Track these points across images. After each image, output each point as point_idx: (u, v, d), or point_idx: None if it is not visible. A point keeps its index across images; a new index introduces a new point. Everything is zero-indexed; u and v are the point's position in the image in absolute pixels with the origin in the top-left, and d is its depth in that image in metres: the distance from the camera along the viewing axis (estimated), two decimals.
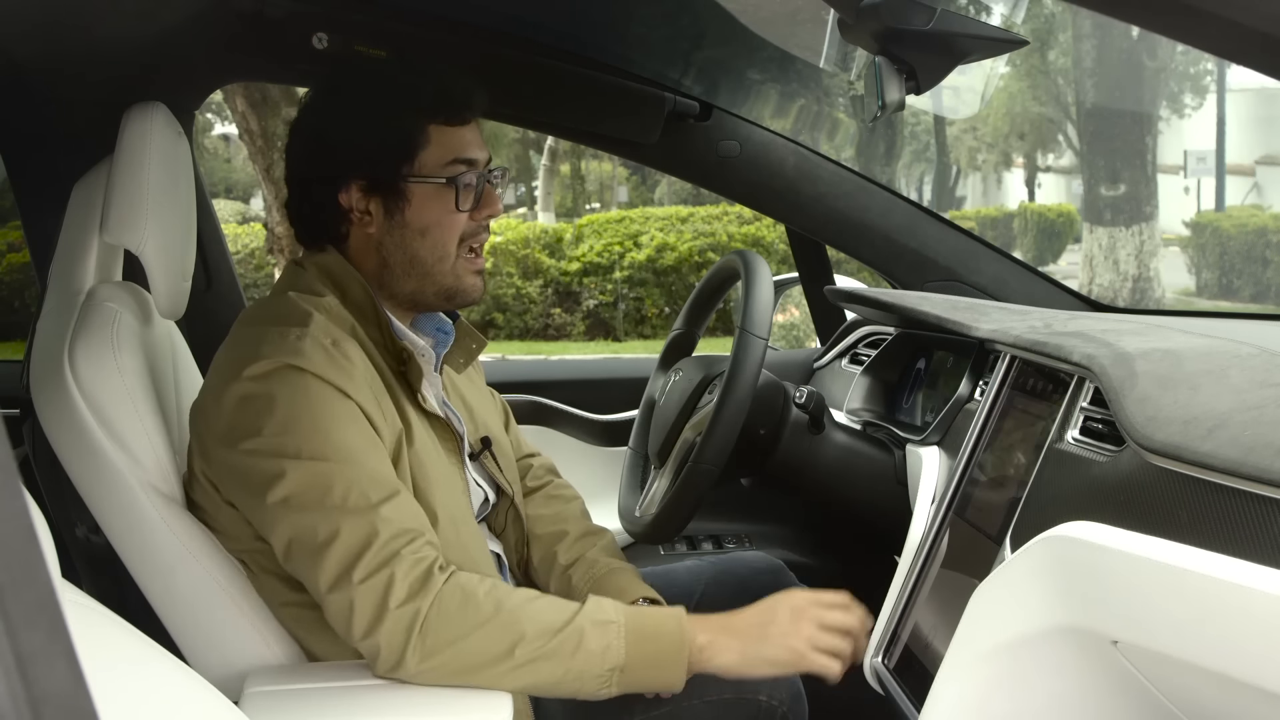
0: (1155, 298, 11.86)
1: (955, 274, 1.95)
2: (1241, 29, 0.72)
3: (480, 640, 1.08)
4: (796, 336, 3.23)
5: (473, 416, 1.40)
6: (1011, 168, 19.35)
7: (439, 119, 1.24)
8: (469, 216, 1.26)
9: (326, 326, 1.19)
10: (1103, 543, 0.87)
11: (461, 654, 1.08)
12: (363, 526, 1.09)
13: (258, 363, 1.14)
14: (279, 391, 1.13)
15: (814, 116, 2.23)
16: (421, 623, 1.07)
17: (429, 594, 1.08)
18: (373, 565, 1.08)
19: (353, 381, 1.15)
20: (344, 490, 1.10)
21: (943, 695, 1.04)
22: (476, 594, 1.10)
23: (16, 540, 0.36)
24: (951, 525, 1.28)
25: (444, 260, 1.26)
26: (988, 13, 1.35)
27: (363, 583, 1.07)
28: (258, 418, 1.12)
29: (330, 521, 1.09)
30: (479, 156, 1.26)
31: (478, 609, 1.09)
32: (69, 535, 1.35)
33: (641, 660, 1.12)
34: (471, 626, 1.08)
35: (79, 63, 1.62)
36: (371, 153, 1.23)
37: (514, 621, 1.09)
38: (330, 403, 1.13)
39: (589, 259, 10.15)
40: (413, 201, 1.24)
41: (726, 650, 1.16)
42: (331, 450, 1.11)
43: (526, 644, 1.09)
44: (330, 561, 1.09)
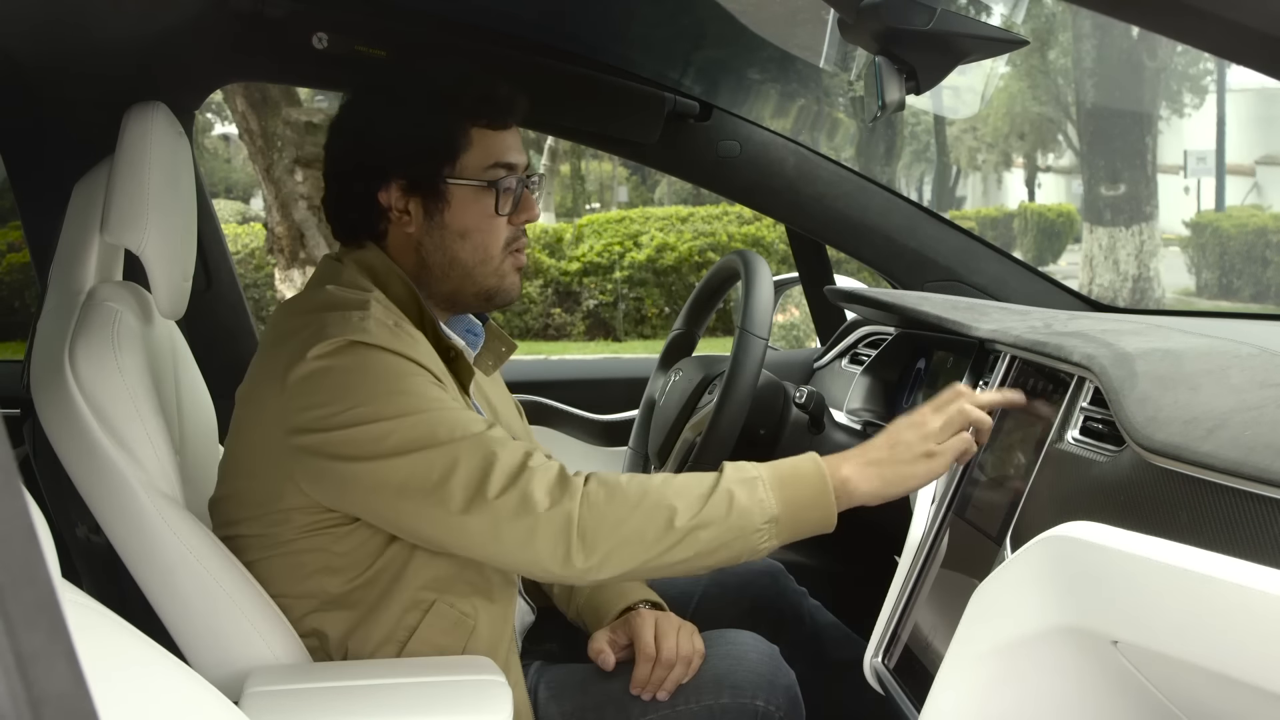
0: (1155, 298, 11.86)
1: (955, 274, 1.95)
2: (1241, 29, 0.72)
3: (637, 523, 1.07)
4: (796, 336, 3.24)
5: (498, 418, 1.40)
6: (1011, 168, 19.35)
7: (481, 122, 1.25)
8: (507, 221, 1.27)
9: (386, 310, 1.19)
10: (1103, 543, 0.87)
11: (624, 541, 1.07)
12: (479, 449, 1.08)
13: (323, 343, 1.13)
14: (351, 365, 1.12)
15: (814, 116, 2.23)
16: (578, 522, 1.06)
17: (574, 494, 1.07)
18: (504, 480, 1.07)
19: (420, 355, 1.15)
20: (448, 427, 1.09)
21: (943, 695, 1.04)
22: (619, 483, 1.10)
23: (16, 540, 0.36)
24: (951, 525, 1.28)
25: (487, 263, 1.26)
26: (988, 13, 1.35)
27: (499, 497, 1.06)
28: (334, 392, 1.11)
29: (446, 454, 1.08)
30: (518, 161, 1.27)
31: (625, 496, 1.08)
32: (69, 535, 1.35)
33: (794, 505, 1.12)
34: (625, 513, 1.07)
35: (79, 63, 1.62)
36: (413, 152, 1.24)
37: (663, 498, 1.08)
38: (404, 369, 1.13)
39: (589, 259, 10.15)
40: (452, 203, 1.25)
41: (868, 477, 1.15)
42: (420, 402, 1.11)
43: (682, 515, 1.08)
44: (457, 487, 1.07)
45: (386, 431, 1.09)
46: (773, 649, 1.33)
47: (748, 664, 1.29)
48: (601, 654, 1.26)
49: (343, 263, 1.27)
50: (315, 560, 1.18)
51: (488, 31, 1.81)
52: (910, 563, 1.30)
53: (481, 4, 1.79)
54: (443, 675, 1.14)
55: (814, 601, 1.60)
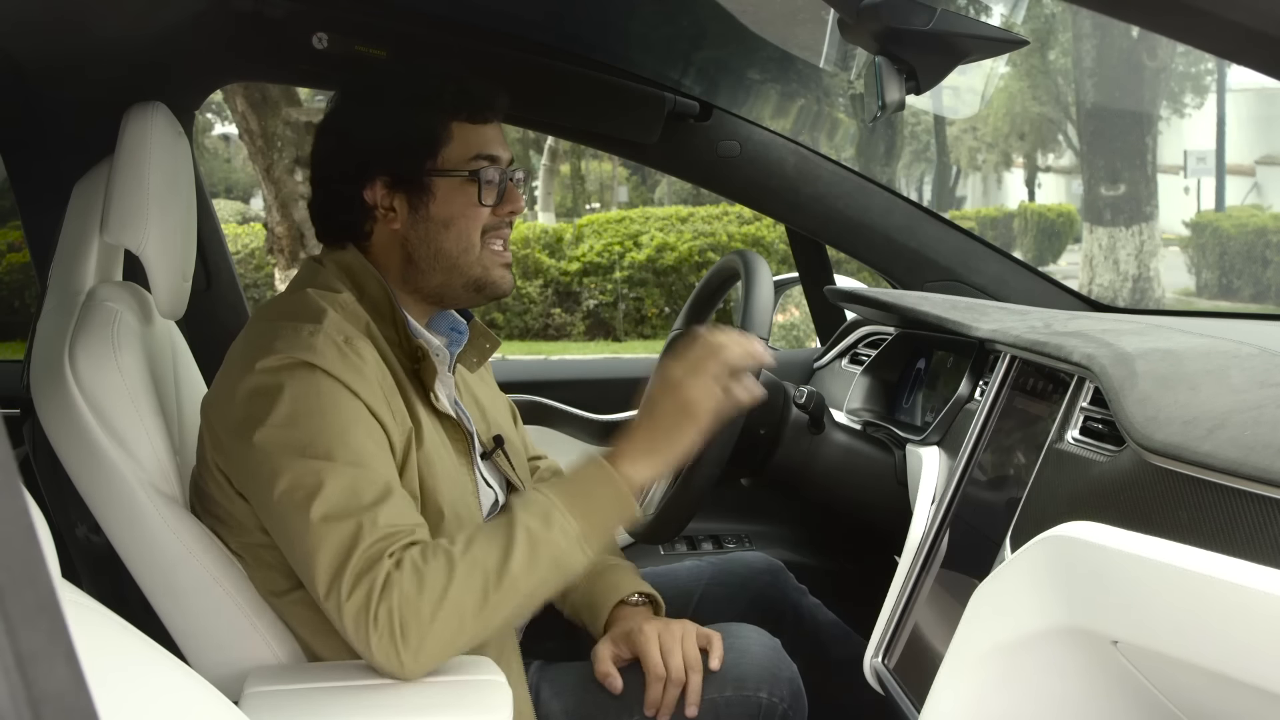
0: (1155, 298, 11.87)
1: (955, 274, 1.95)
2: (1241, 29, 0.72)
3: (454, 604, 1.07)
4: (796, 336, 3.24)
5: (485, 416, 1.40)
6: (1011, 168, 19.36)
7: (461, 116, 1.27)
8: (491, 211, 1.28)
9: (340, 323, 1.19)
10: (1103, 543, 0.87)
11: (446, 624, 1.06)
12: (347, 530, 1.08)
13: (270, 356, 1.15)
14: (289, 384, 1.13)
15: (814, 116, 2.23)
16: (399, 628, 1.05)
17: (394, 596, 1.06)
18: (355, 576, 1.07)
19: (363, 379, 1.16)
20: (337, 491, 1.09)
21: (943, 695, 1.04)
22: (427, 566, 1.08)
23: (16, 540, 0.36)
24: (951, 525, 1.28)
25: (469, 251, 1.27)
26: (988, 13, 1.35)
27: (349, 598, 1.07)
28: (267, 409, 1.13)
29: (320, 527, 1.08)
30: (501, 154, 1.29)
31: (433, 583, 1.07)
32: (69, 535, 1.35)
33: (593, 516, 1.14)
34: (437, 601, 1.06)
35: (79, 63, 1.62)
36: (395, 149, 1.26)
37: (471, 569, 1.08)
38: (338, 400, 1.13)
39: (589, 259, 10.15)
40: (437, 196, 1.26)
41: (646, 458, 1.17)
42: (333, 448, 1.11)
43: (493, 576, 1.08)
44: (321, 568, 1.08)
45: (282, 465, 1.11)
46: (775, 642, 1.34)
47: (751, 657, 1.30)
48: (609, 678, 1.26)
49: (323, 264, 1.29)
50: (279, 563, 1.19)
51: (488, 31, 1.81)
52: (910, 563, 1.30)
53: (481, 4, 1.79)
54: (443, 675, 1.14)
55: (814, 599, 1.61)
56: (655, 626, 1.27)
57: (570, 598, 1.37)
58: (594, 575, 1.35)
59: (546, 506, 1.12)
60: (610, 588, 1.34)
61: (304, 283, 1.27)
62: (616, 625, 1.31)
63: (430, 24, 1.79)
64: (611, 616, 1.32)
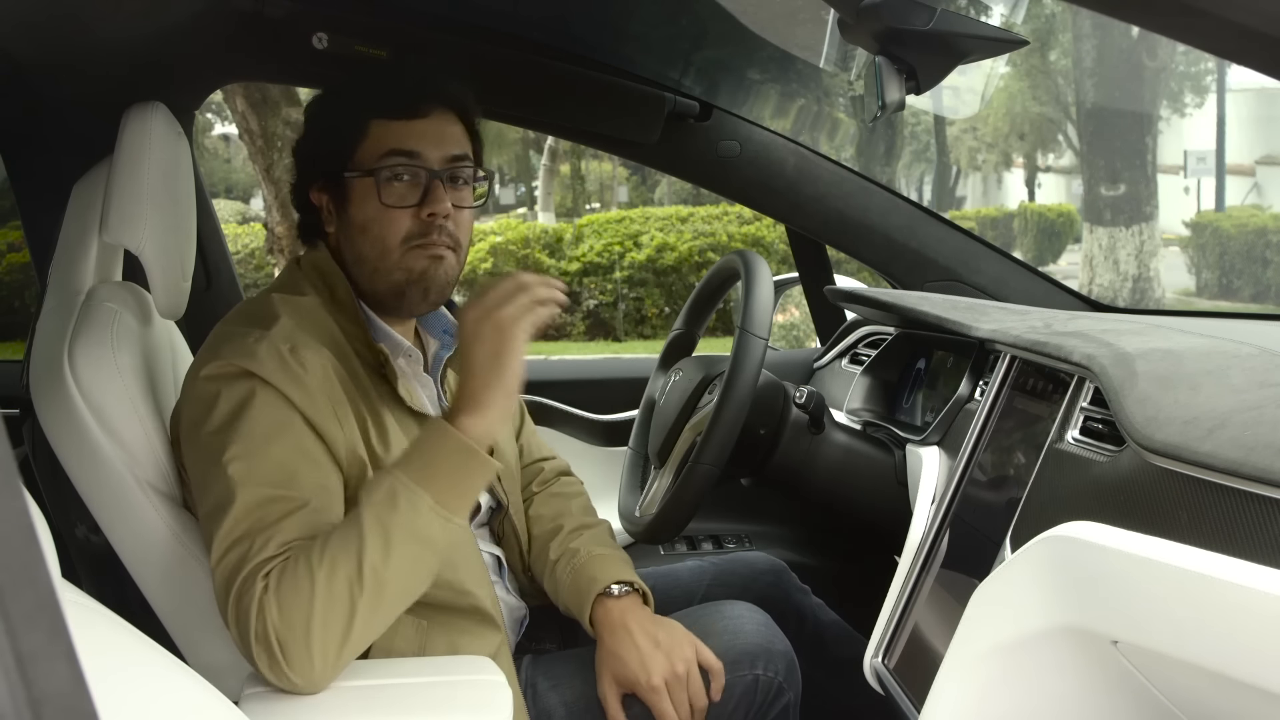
0: (1155, 298, 11.86)
1: (955, 274, 1.95)
2: (1241, 29, 0.72)
3: (325, 614, 1.03)
4: (796, 336, 3.24)
5: None
6: (1011, 168, 19.35)
7: (379, 114, 1.23)
8: (413, 214, 1.23)
9: (290, 331, 1.17)
10: (1103, 543, 0.87)
11: (324, 636, 1.03)
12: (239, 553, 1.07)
13: (214, 363, 1.15)
14: (225, 392, 1.14)
15: (814, 116, 2.23)
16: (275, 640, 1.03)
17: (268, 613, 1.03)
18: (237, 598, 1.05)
19: (301, 388, 1.14)
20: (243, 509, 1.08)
21: (943, 695, 1.04)
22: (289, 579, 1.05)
23: (16, 540, 0.36)
24: (951, 525, 1.28)
25: (385, 256, 1.23)
26: (988, 13, 1.35)
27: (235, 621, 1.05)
28: (204, 415, 1.14)
29: (222, 543, 1.08)
30: (425, 151, 1.23)
31: (298, 597, 1.04)
32: (69, 535, 1.35)
33: (442, 479, 1.08)
34: (306, 615, 1.03)
35: (79, 62, 1.62)
36: (318, 149, 1.26)
37: (331, 572, 1.04)
38: (269, 409, 1.12)
39: (589, 259, 10.15)
40: (353, 198, 1.24)
41: (480, 408, 1.10)
42: (253, 461, 1.10)
43: (355, 574, 1.04)
44: (217, 591, 1.08)
45: (208, 473, 1.11)
46: (767, 618, 1.34)
47: (744, 635, 1.31)
48: None
49: (300, 265, 1.29)
50: None
51: (488, 31, 1.81)
52: (910, 563, 1.30)
53: (482, 4, 1.79)
54: (442, 675, 1.14)
55: (816, 600, 1.61)
56: (664, 679, 1.23)
57: (559, 593, 1.37)
58: (578, 568, 1.34)
59: (390, 486, 1.08)
60: (590, 581, 1.32)
61: (277, 285, 1.28)
62: (602, 626, 1.29)
63: (430, 24, 1.79)
64: (595, 609, 1.30)
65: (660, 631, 1.26)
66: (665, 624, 1.28)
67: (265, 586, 1.05)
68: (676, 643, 1.25)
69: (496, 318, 1.11)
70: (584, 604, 1.30)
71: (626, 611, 1.28)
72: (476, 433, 1.10)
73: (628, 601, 1.30)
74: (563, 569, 1.36)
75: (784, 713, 1.30)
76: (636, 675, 1.23)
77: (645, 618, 1.28)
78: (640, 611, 1.29)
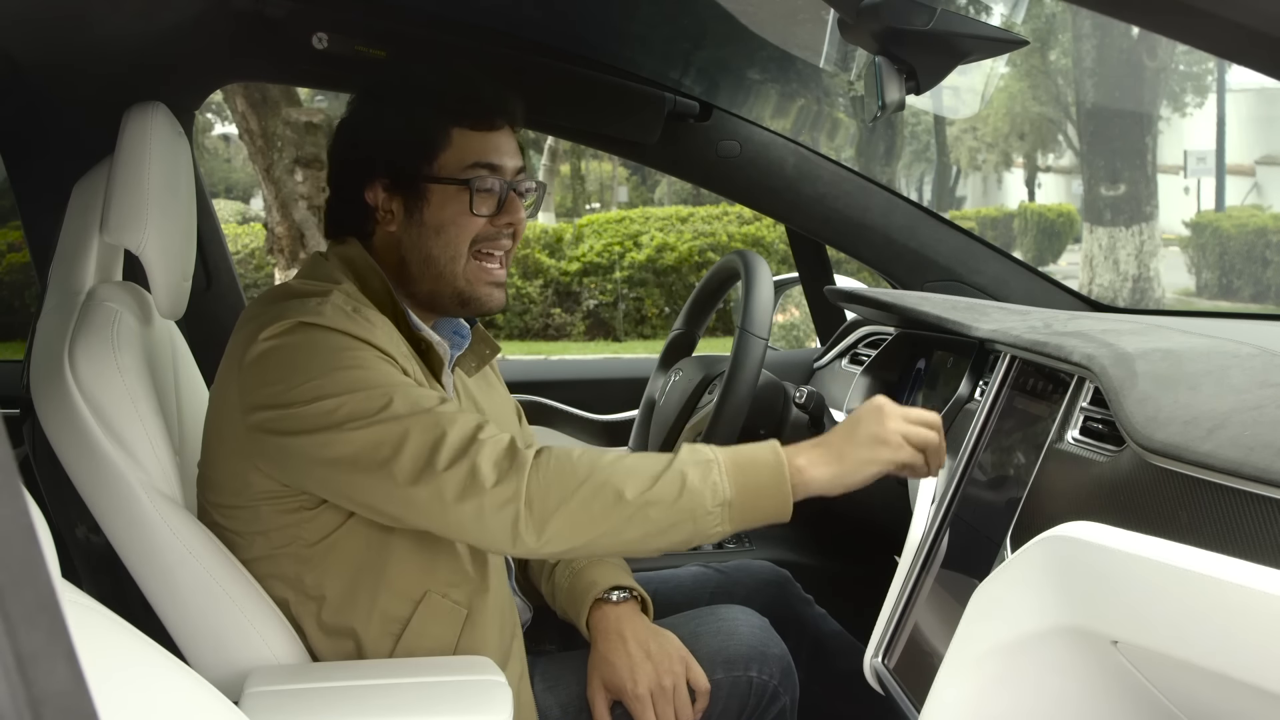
0: (1155, 298, 11.86)
1: (955, 274, 1.95)
2: (1241, 29, 0.72)
3: (585, 498, 1.06)
4: (796, 336, 3.24)
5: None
6: (1011, 168, 19.35)
7: (463, 123, 1.25)
8: (488, 222, 1.26)
9: (347, 297, 1.19)
10: (1103, 543, 0.87)
11: (572, 515, 1.06)
12: (430, 423, 1.07)
13: (277, 323, 1.14)
14: (299, 343, 1.13)
15: (814, 116, 2.23)
16: (525, 497, 1.05)
17: (521, 469, 1.06)
18: (452, 454, 1.06)
19: (375, 335, 1.15)
20: (399, 401, 1.08)
21: (943, 695, 1.04)
22: (569, 457, 1.08)
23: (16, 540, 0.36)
24: (951, 525, 1.28)
25: (455, 261, 1.25)
26: (988, 13, 1.35)
27: (447, 470, 1.05)
28: (282, 370, 1.12)
29: (396, 428, 1.07)
30: (504, 164, 1.26)
31: (574, 471, 1.07)
32: (69, 535, 1.35)
33: (749, 491, 1.09)
34: (573, 488, 1.06)
35: (79, 63, 1.62)
36: (394, 151, 1.25)
37: (613, 475, 1.07)
38: (353, 346, 1.13)
39: (589, 259, 10.15)
40: (431, 201, 1.25)
41: (823, 462, 1.12)
42: (370, 377, 1.10)
43: (631, 492, 1.06)
44: (406, 460, 1.06)
45: (335, 406, 1.09)
46: (763, 621, 1.35)
47: (739, 638, 1.31)
48: None
49: (327, 258, 1.29)
50: (293, 555, 1.19)
51: (488, 31, 1.81)
52: (910, 563, 1.30)
53: (482, 4, 1.79)
54: (443, 675, 1.14)
55: (819, 609, 1.60)
56: (647, 687, 1.24)
57: (556, 597, 1.37)
58: (576, 572, 1.34)
59: (710, 461, 1.09)
60: (589, 585, 1.32)
61: (306, 274, 1.27)
62: (597, 631, 1.29)
63: (430, 24, 1.79)
64: (592, 614, 1.31)
65: (653, 642, 1.26)
66: (659, 635, 1.28)
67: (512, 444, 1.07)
68: (667, 655, 1.26)
69: (908, 430, 1.15)
70: (581, 608, 1.31)
71: (623, 618, 1.29)
72: (805, 479, 1.12)
73: (625, 608, 1.30)
74: (561, 573, 1.36)
75: (779, 717, 1.30)
76: (623, 682, 1.24)
77: (640, 626, 1.29)
78: (636, 619, 1.30)
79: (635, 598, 1.32)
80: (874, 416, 1.15)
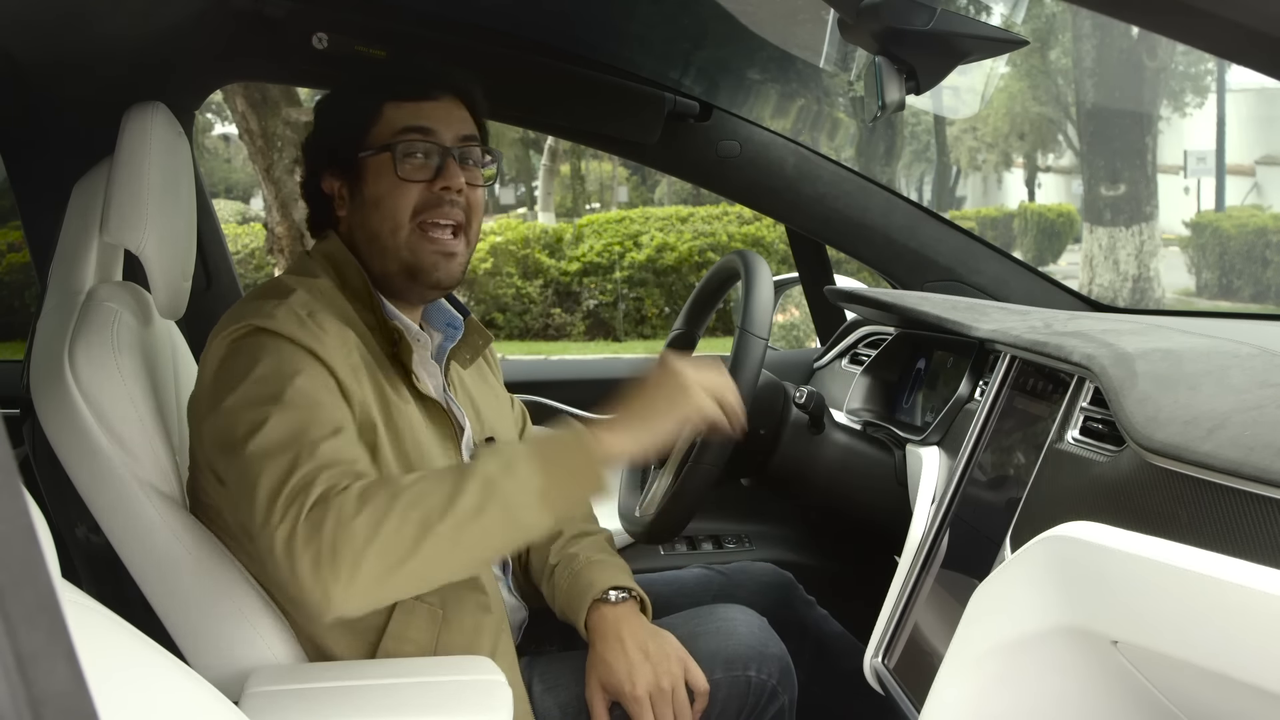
0: (1155, 298, 11.87)
1: (955, 274, 1.95)
2: (1241, 29, 0.72)
3: (392, 531, 1.01)
4: (796, 336, 3.24)
5: (479, 416, 1.40)
6: (1011, 168, 19.35)
7: (392, 96, 1.27)
8: (425, 188, 1.25)
9: (307, 300, 1.19)
10: (1103, 543, 0.87)
11: (382, 555, 1.00)
12: (286, 461, 1.06)
13: (230, 328, 1.16)
14: (244, 350, 1.14)
15: (814, 116, 2.23)
16: (331, 548, 1.00)
17: (329, 519, 1.01)
18: (289, 500, 1.04)
19: (322, 345, 1.15)
20: (280, 427, 1.08)
21: (943, 695, 1.04)
22: (369, 492, 1.04)
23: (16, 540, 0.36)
24: (951, 525, 1.28)
25: (397, 232, 1.25)
26: (988, 13, 1.35)
27: (280, 522, 1.03)
28: (224, 376, 1.14)
29: (260, 460, 1.07)
30: (438, 129, 1.26)
31: (374, 507, 1.02)
32: (69, 535, 1.35)
33: (557, 474, 1.07)
34: (375, 524, 1.01)
35: (79, 63, 1.62)
36: (332, 136, 1.29)
37: (416, 500, 1.02)
38: (292, 357, 1.13)
39: (589, 259, 10.15)
40: (367, 177, 1.27)
41: (625, 429, 1.11)
42: (281, 392, 1.10)
43: (436, 513, 1.02)
44: (258, 500, 1.05)
45: (236, 420, 1.10)
46: (762, 620, 1.34)
47: (738, 638, 1.31)
48: None
49: (310, 255, 1.31)
50: None
51: (488, 31, 1.81)
52: (910, 563, 1.30)
53: (482, 4, 1.79)
54: (443, 675, 1.14)
55: (821, 611, 1.60)
56: (646, 690, 1.24)
57: (556, 598, 1.37)
58: (575, 573, 1.34)
59: (511, 455, 1.08)
60: (587, 586, 1.32)
61: (289, 272, 1.29)
62: (595, 632, 1.29)
63: (430, 24, 1.79)
64: (591, 615, 1.30)
65: (651, 643, 1.26)
66: (658, 636, 1.28)
67: (337, 490, 1.03)
68: (665, 656, 1.26)
69: (703, 380, 1.14)
70: (579, 609, 1.31)
71: (621, 619, 1.29)
72: (610, 449, 1.10)
73: (624, 609, 1.30)
74: (561, 573, 1.36)
75: (778, 716, 1.30)
76: (621, 684, 1.24)
77: (639, 627, 1.28)
78: (635, 620, 1.29)
79: (634, 598, 1.32)
80: (666, 376, 1.14)
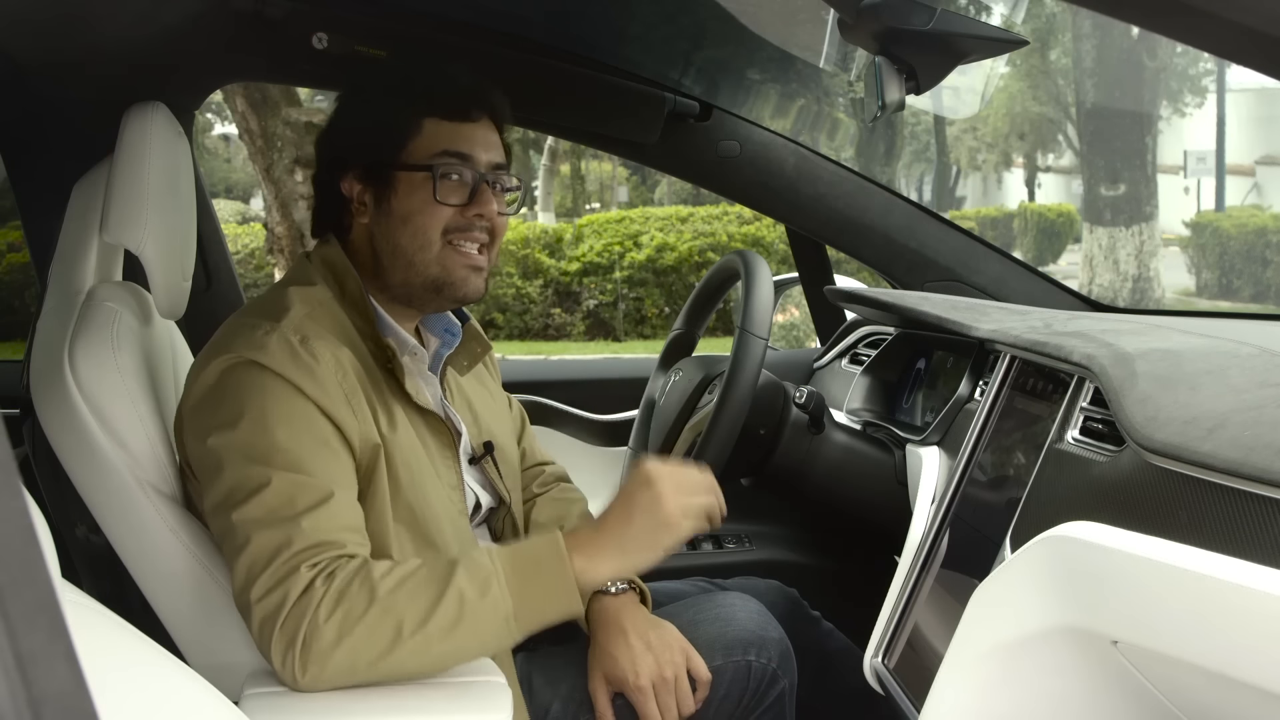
0: (1155, 298, 11.87)
1: (955, 274, 1.95)
2: (1241, 29, 0.72)
3: (362, 638, 1.05)
4: (796, 336, 3.24)
5: (476, 420, 1.40)
6: (1011, 168, 19.36)
7: (434, 113, 1.26)
8: (457, 212, 1.25)
9: (300, 323, 1.19)
10: (1103, 543, 0.87)
11: (347, 658, 1.05)
12: (275, 538, 1.08)
13: (223, 355, 1.16)
14: (235, 384, 1.14)
15: (814, 116, 2.23)
16: (303, 638, 1.04)
17: (305, 618, 1.05)
18: (272, 581, 1.06)
19: (313, 379, 1.15)
20: (271, 496, 1.09)
21: (943, 695, 1.04)
22: (347, 593, 1.06)
23: (16, 540, 0.36)
24: (951, 525, 1.28)
25: (426, 249, 1.25)
26: (988, 13, 1.35)
27: (260, 600, 1.06)
28: (214, 409, 1.14)
29: (248, 529, 1.09)
30: (476, 154, 1.26)
31: (348, 610, 1.05)
32: (69, 535, 1.35)
33: (530, 598, 1.09)
34: (347, 628, 1.04)
35: (79, 63, 1.62)
36: (366, 142, 1.27)
37: (391, 607, 1.05)
38: (282, 400, 1.13)
39: (589, 259, 10.15)
40: (399, 190, 1.26)
41: (605, 559, 1.13)
42: (270, 452, 1.11)
43: (409, 626, 1.05)
44: (240, 568, 1.09)
45: (221, 465, 1.12)
46: (760, 606, 1.35)
47: (737, 624, 1.31)
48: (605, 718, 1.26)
49: (310, 259, 1.30)
50: None
51: (488, 31, 1.81)
52: (910, 563, 1.30)
53: (482, 4, 1.79)
54: (442, 675, 1.14)
55: (827, 626, 1.60)
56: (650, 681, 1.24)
57: None
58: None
59: (488, 575, 1.09)
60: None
61: (289, 277, 1.28)
62: (597, 623, 1.29)
63: (430, 24, 1.79)
64: (592, 606, 1.30)
65: (653, 633, 1.26)
66: (659, 626, 1.28)
67: (323, 577, 1.06)
68: (667, 646, 1.26)
69: (686, 504, 1.15)
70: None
71: (622, 610, 1.29)
72: (588, 578, 1.13)
73: (624, 599, 1.30)
74: None
75: (779, 701, 1.31)
76: (625, 674, 1.24)
77: (640, 618, 1.29)
78: (636, 611, 1.30)
79: (634, 589, 1.32)
80: (648, 502, 1.15)
